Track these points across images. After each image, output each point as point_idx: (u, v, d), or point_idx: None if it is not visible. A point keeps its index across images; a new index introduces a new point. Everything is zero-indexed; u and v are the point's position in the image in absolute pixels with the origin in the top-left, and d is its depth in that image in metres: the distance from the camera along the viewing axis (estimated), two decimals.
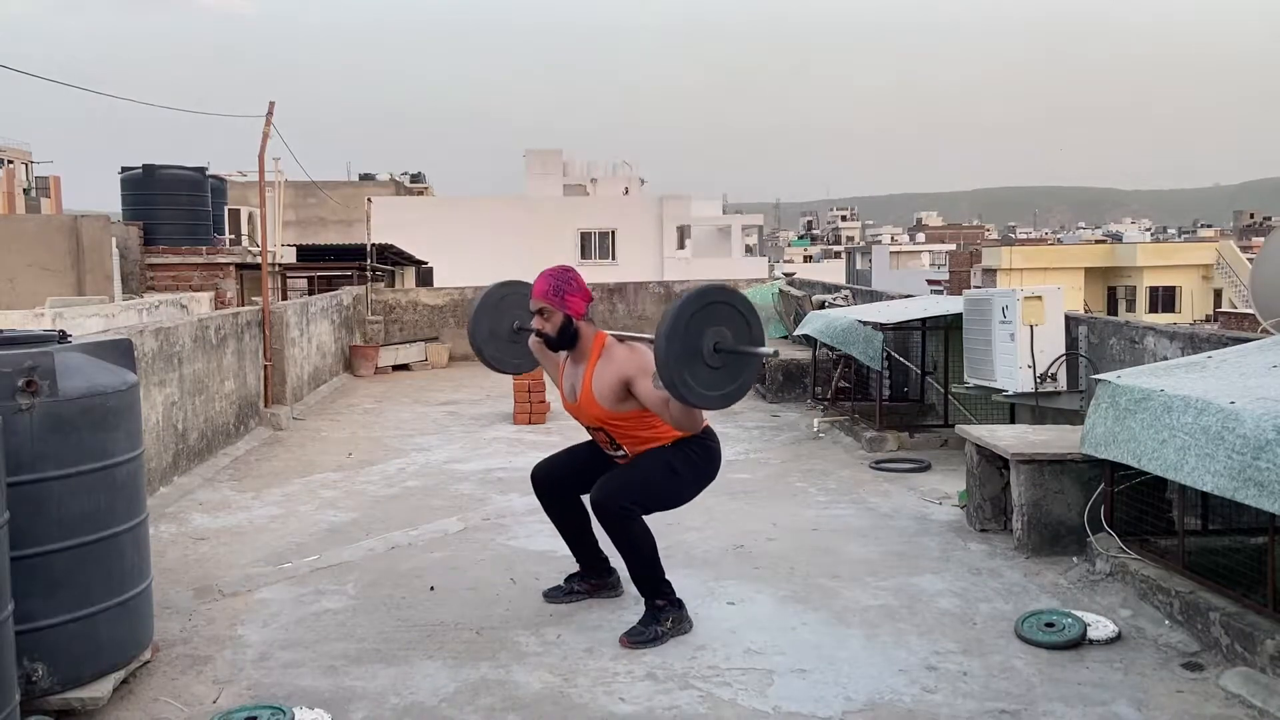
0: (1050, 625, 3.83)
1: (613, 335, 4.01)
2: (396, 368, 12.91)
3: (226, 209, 20.56)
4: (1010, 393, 6.40)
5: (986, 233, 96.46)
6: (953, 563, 4.77)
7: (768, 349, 3.62)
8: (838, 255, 69.56)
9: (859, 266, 57.93)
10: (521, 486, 6.47)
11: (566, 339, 3.94)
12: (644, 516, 3.89)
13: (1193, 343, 5.18)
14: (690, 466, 3.94)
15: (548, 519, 4.34)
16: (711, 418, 4.16)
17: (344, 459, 7.48)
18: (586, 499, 4.01)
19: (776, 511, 5.74)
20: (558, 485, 4.21)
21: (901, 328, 8.01)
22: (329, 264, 18.13)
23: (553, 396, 9.27)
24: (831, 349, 8.74)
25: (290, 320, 9.64)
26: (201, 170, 18.03)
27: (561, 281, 3.91)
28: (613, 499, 3.82)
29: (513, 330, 4.44)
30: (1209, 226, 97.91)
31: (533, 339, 4.21)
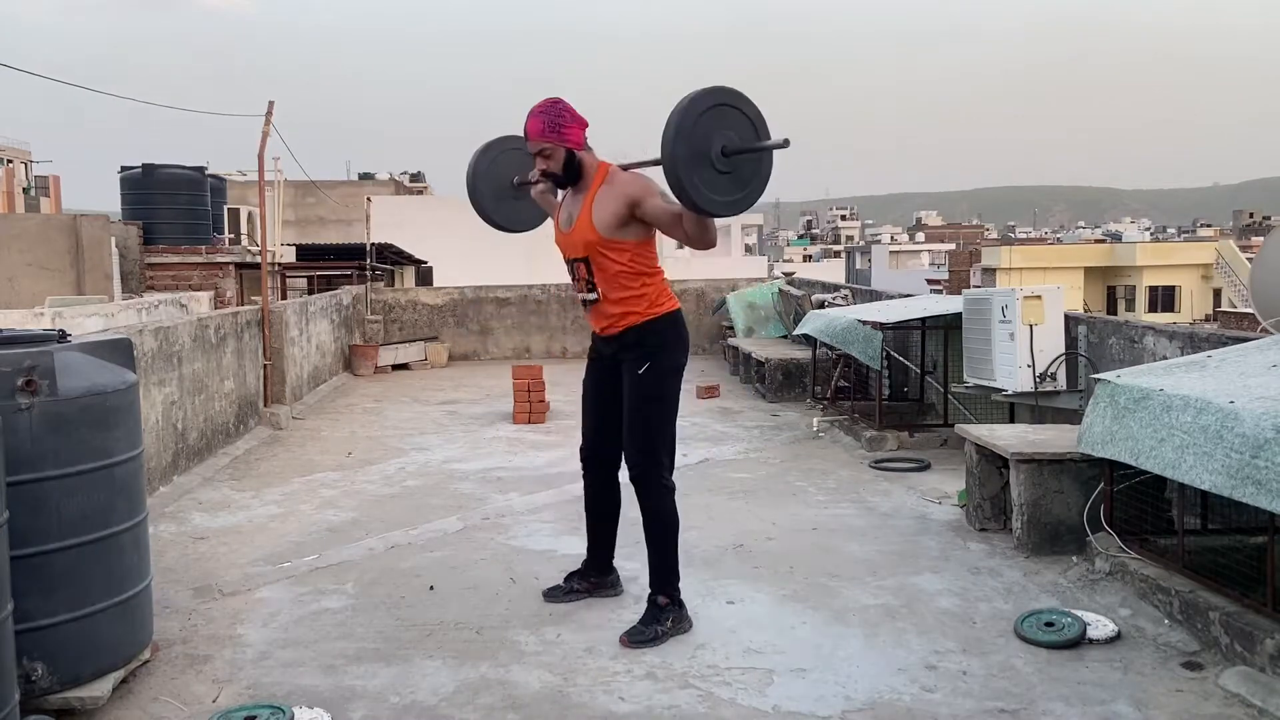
0: (1050, 625, 3.83)
1: (617, 165, 3.92)
2: (396, 367, 12.90)
3: (226, 208, 20.58)
4: (1010, 392, 6.40)
5: (986, 232, 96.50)
6: (952, 562, 4.77)
7: (778, 139, 3.44)
8: (837, 255, 69.56)
9: (858, 266, 57.94)
10: (521, 486, 6.48)
11: (572, 173, 3.87)
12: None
13: (1192, 342, 5.18)
14: (670, 373, 3.93)
15: (547, 518, 4.34)
16: (711, 418, 4.16)
17: (344, 458, 7.48)
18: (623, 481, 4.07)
19: (776, 511, 5.74)
20: (600, 450, 4.17)
21: (901, 327, 8.01)
22: (328, 263, 18.14)
23: (553, 396, 9.28)
24: (831, 348, 8.75)
25: (290, 320, 9.64)
26: (201, 170, 18.04)
27: (554, 116, 3.80)
28: (649, 470, 3.89)
29: (514, 186, 4.38)
30: (1209, 226, 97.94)
31: (535, 188, 4.17)
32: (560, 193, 4.16)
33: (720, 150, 3.36)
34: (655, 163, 3.55)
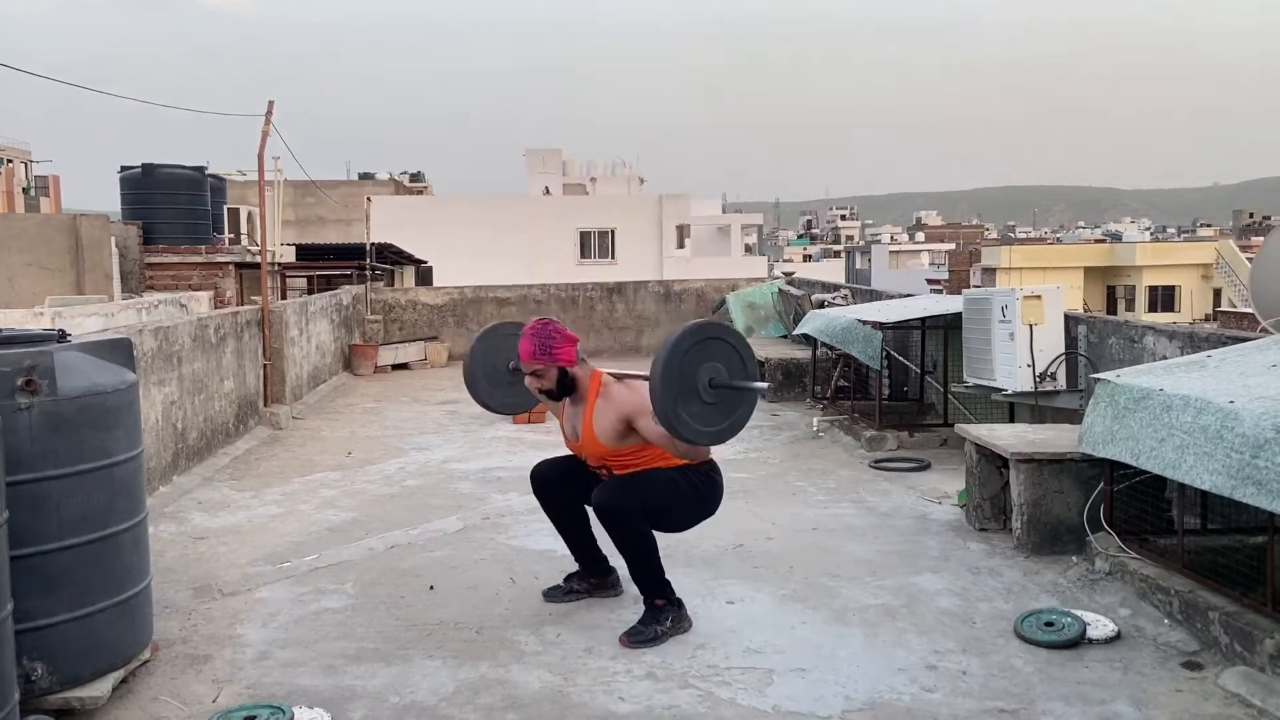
0: (1050, 624, 3.83)
1: (609, 373, 4.03)
2: (396, 367, 12.90)
3: (226, 208, 20.56)
4: (1010, 392, 6.40)
5: (986, 232, 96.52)
6: (952, 562, 4.77)
7: (762, 384, 3.67)
8: (837, 255, 69.58)
9: (858, 266, 57.95)
10: (521, 486, 6.47)
11: (566, 388, 3.98)
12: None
13: (1192, 342, 5.18)
14: (691, 487, 3.95)
15: (547, 518, 4.34)
16: None
17: (343, 458, 7.48)
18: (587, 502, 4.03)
19: (776, 511, 5.74)
20: (557, 484, 4.22)
21: (901, 327, 8.01)
22: (328, 263, 18.14)
23: None
24: (831, 348, 8.75)
25: (290, 319, 9.63)
26: (201, 169, 18.02)
27: (545, 339, 3.92)
28: (614, 499, 3.84)
29: (509, 371, 4.47)
30: (1208, 226, 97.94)
31: (528, 379, 4.24)
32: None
33: (708, 382, 3.53)
34: (644, 379, 3.69)
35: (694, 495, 3.97)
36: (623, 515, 3.83)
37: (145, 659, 3.61)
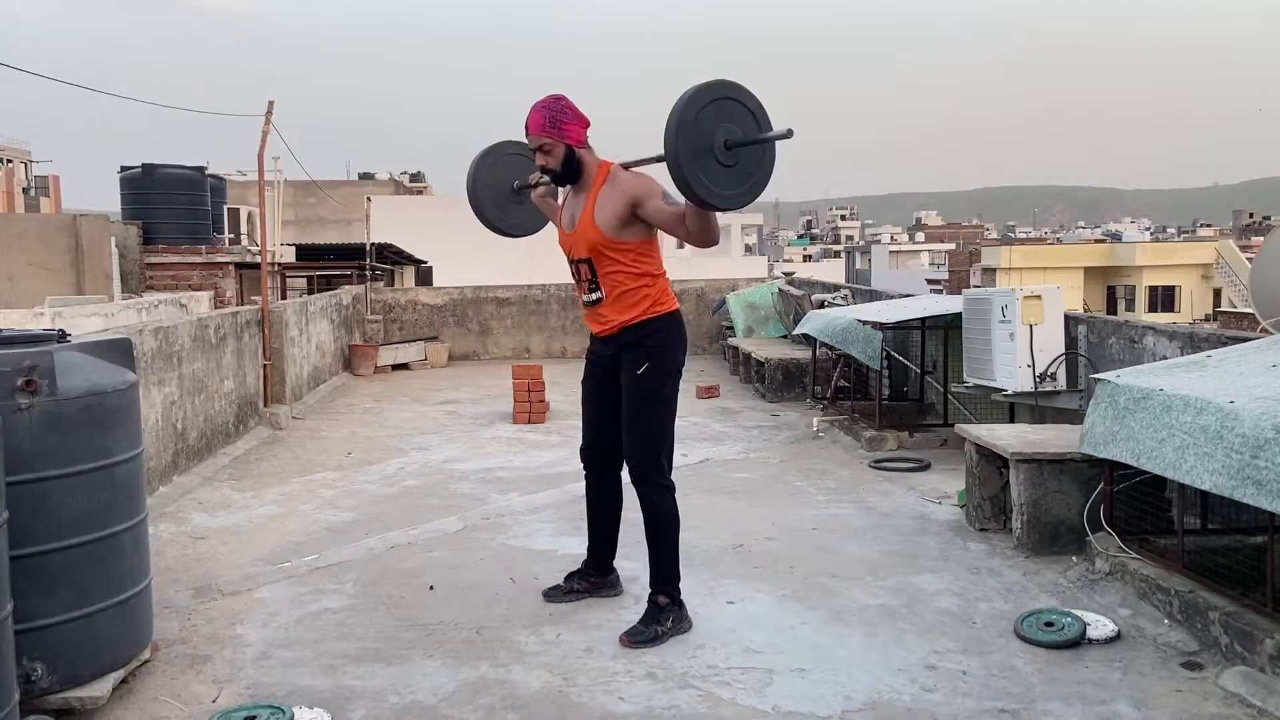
0: (1050, 624, 3.83)
1: (618, 164, 3.90)
2: (396, 367, 12.90)
3: (226, 208, 20.57)
4: (1010, 392, 6.40)
5: (986, 232, 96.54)
6: (952, 562, 4.77)
7: (781, 130, 3.42)
8: (837, 255, 69.55)
9: (858, 266, 57.92)
10: (521, 485, 6.48)
11: (571, 170, 3.86)
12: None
13: (1192, 342, 5.18)
14: (669, 374, 3.94)
15: (547, 518, 4.35)
16: (711, 418, 4.16)
17: (343, 458, 7.48)
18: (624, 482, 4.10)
19: (776, 511, 5.74)
20: (600, 449, 4.16)
21: (901, 327, 8.01)
22: (328, 263, 18.14)
23: (553, 396, 9.28)
24: (831, 348, 8.75)
25: (290, 320, 9.63)
26: (201, 170, 18.02)
27: (556, 111, 3.79)
28: (648, 470, 3.89)
29: (514, 191, 4.38)
30: (1208, 226, 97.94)
31: (536, 192, 4.16)
32: (560, 195, 4.16)
33: (723, 143, 3.35)
34: (657, 159, 3.55)
35: (671, 382, 3.96)
36: (657, 488, 3.90)
37: (145, 659, 3.61)
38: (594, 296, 3.96)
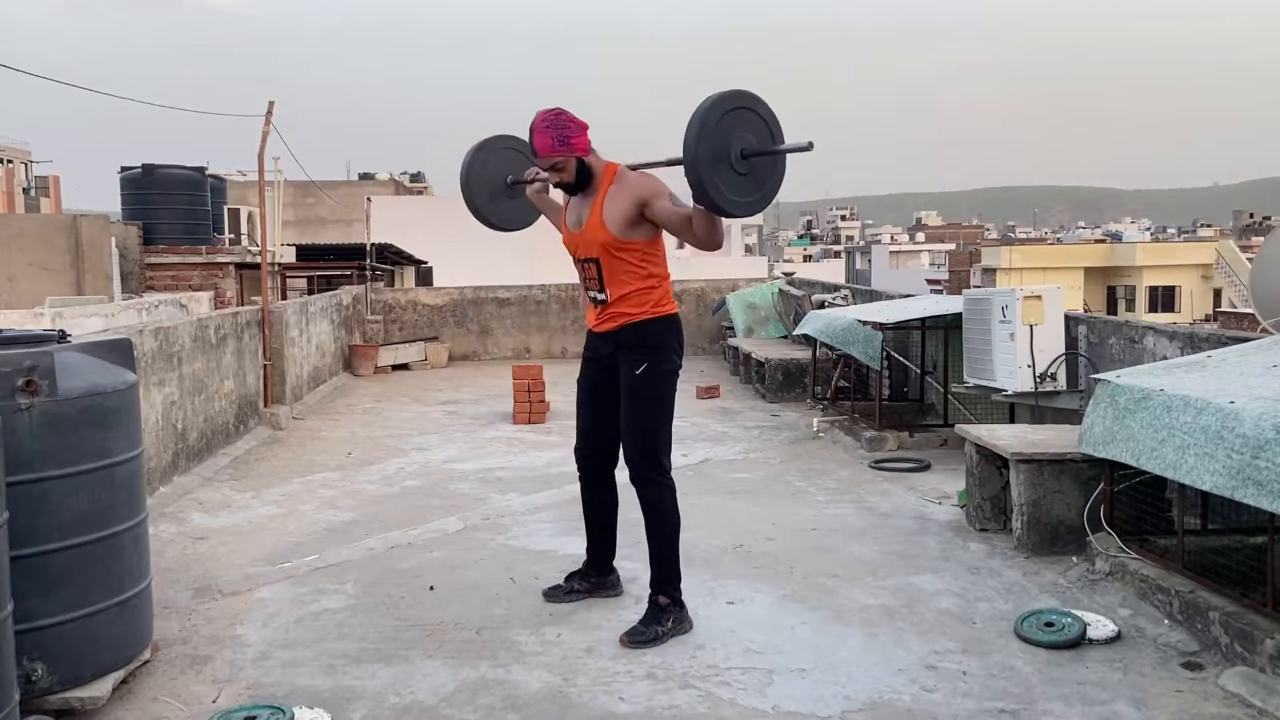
0: (1050, 625, 3.83)
1: (625, 166, 3.94)
2: (396, 367, 12.90)
3: (226, 208, 20.58)
4: (1010, 392, 6.40)
5: (986, 232, 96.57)
6: (952, 562, 4.77)
7: (801, 142, 3.46)
8: (837, 255, 69.55)
9: (858, 266, 57.94)
10: (521, 486, 6.48)
11: (583, 179, 3.90)
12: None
13: (1192, 342, 5.18)
14: (667, 374, 3.95)
15: (547, 518, 4.34)
16: (711, 418, 4.16)
17: (343, 458, 7.48)
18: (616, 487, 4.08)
19: (776, 511, 5.74)
20: (596, 448, 4.17)
21: (901, 327, 8.01)
22: (328, 263, 18.14)
23: (553, 396, 9.28)
24: (831, 349, 8.74)
25: (290, 320, 9.63)
26: (201, 170, 18.03)
27: (560, 128, 3.82)
28: (648, 470, 3.90)
29: (508, 185, 4.40)
30: (1209, 226, 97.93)
31: (531, 188, 4.18)
32: (558, 193, 4.17)
33: (739, 152, 3.41)
34: (665, 164, 3.59)
35: (670, 381, 3.97)
36: (656, 485, 3.90)
37: (145, 659, 3.61)
38: (601, 296, 3.98)
